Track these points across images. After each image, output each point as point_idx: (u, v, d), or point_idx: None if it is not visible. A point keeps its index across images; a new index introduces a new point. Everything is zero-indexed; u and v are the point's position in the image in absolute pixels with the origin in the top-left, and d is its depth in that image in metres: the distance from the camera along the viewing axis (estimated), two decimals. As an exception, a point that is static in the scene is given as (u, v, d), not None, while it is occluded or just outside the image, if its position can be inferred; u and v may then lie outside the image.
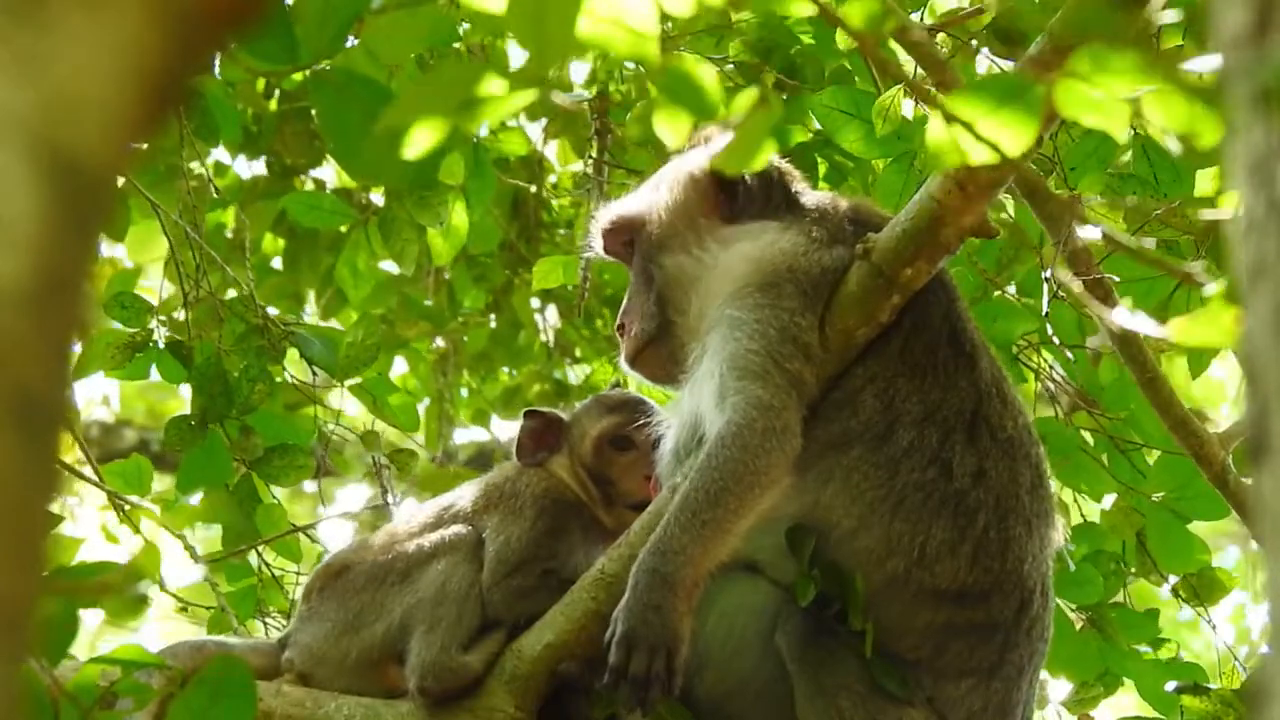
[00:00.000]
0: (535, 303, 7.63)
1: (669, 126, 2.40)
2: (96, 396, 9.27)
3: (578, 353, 7.67)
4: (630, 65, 5.78)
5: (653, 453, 4.04)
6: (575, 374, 7.69)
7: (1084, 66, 2.21)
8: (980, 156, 2.27)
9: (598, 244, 4.21)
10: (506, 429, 8.04)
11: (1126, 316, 2.50)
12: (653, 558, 3.62)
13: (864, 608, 3.66)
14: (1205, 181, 4.63)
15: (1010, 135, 2.25)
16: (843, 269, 3.81)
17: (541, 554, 3.98)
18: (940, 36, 4.69)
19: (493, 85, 2.22)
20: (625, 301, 4.10)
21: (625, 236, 4.13)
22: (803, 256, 3.84)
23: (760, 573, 3.76)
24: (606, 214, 4.21)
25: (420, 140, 2.27)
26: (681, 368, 3.94)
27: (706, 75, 2.36)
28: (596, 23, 2.26)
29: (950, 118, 2.24)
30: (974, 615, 3.72)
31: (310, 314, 7.36)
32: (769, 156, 2.44)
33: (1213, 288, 2.17)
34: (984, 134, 2.24)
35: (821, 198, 4.10)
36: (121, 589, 2.62)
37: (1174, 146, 2.29)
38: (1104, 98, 2.22)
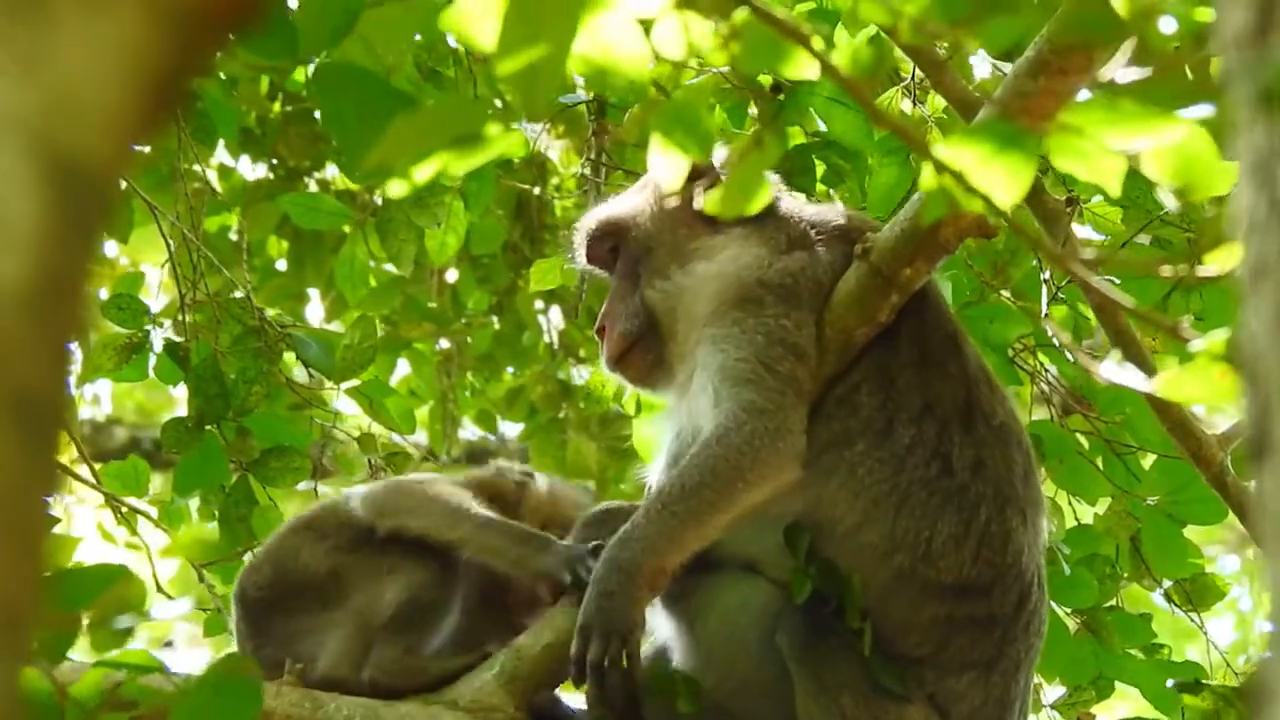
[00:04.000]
0: (539, 304, 7.63)
1: (666, 159, 2.39)
2: (86, 395, 9.26)
3: (582, 353, 7.68)
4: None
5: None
6: (579, 375, 7.70)
7: (1080, 119, 2.19)
8: (974, 207, 2.25)
9: (581, 251, 4.18)
10: (511, 429, 8.08)
11: (1115, 369, 2.48)
12: (613, 547, 3.65)
13: (861, 606, 3.67)
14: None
15: (1004, 186, 2.23)
16: (812, 270, 3.82)
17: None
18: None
19: (488, 126, 2.21)
20: (606, 304, 4.09)
21: (610, 243, 4.11)
22: (768, 269, 3.85)
23: (760, 573, 3.76)
24: (591, 219, 4.18)
25: (416, 175, 2.26)
26: (665, 372, 3.95)
27: (703, 110, 2.35)
28: (587, 65, 2.25)
29: (941, 168, 2.21)
30: (975, 609, 3.73)
31: (318, 317, 7.37)
32: (766, 197, 2.41)
33: (1199, 343, 2.17)
34: (977, 185, 2.21)
35: (789, 204, 4.08)
36: (105, 620, 2.61)
37: (1170, 202, 2.28)
38: (1099, 150, 2.20)
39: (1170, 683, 4.61)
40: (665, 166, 2.37)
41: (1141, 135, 2.18)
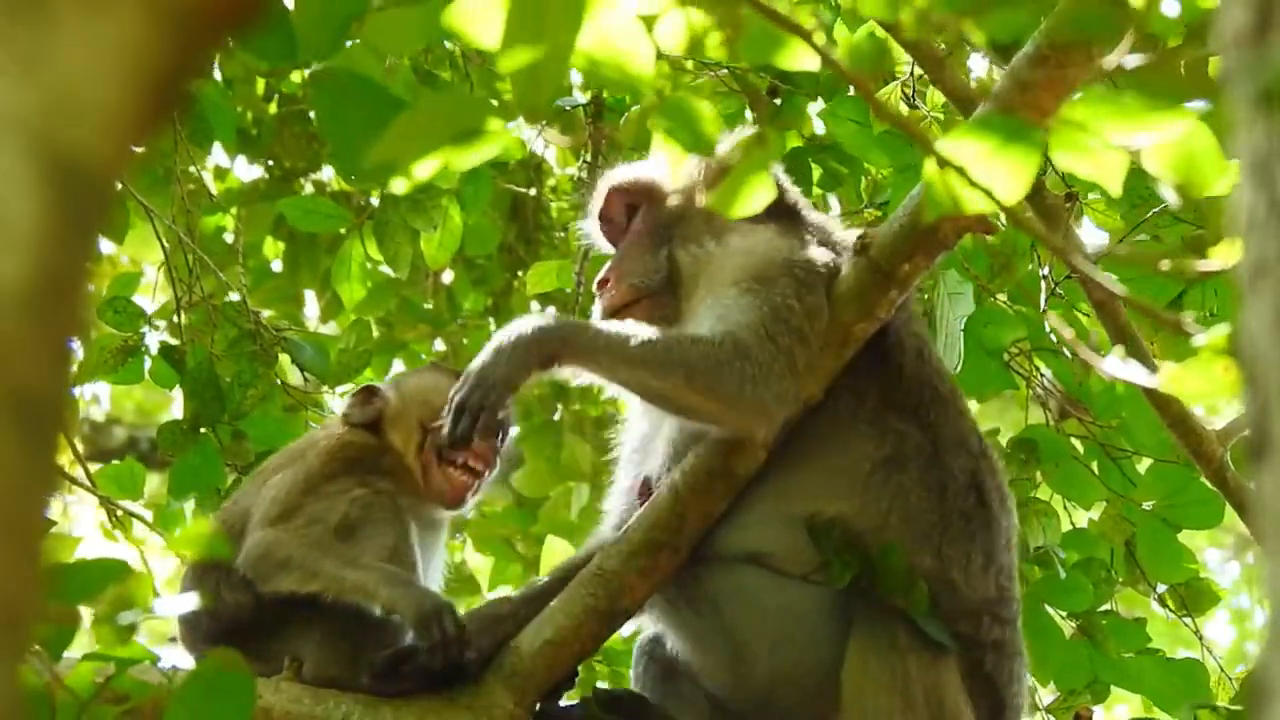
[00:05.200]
0: (534, 305, 7.64)
1: (668, 157, 2.38)
2: (86, 395, 9.27)
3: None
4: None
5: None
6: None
7: (1081, 113, 2.18)
8: (976, 204, 2.23)
9: (599, 204, 4.15)
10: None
11: (1118, 365, 2.47)
12: (544, 318, 3.67)
13: (902, 570, 3.69)
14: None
15: (1006, 181, 2.21)
16: (836, 270, 3.82)
17: (309, 500, 3.94)
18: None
19: (488, 121, 2.20)
20: (614, 260, 4.05)
21: (636, 200, 4.10)
22: (798, 252, 3.85)
23: (798, 575, 3.76)
24: (620, 174, 4.16)
25: (417, 172, 2.26)
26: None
27: (704, 109, 2.34)
28: (590, 62, 2.24)
29: (944, 163, 2.20)
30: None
31: (313, 318, 7.36)
32: (769, 191, 2.39)
33: (1202, 338, 2.16)
34: (979, 180, 2.20)
35: (820, 217, 4.11)
36: (109, 616, 2.61)
37: (1171, 197, 2.27)
38: (1100, 146, 2.19)
39: (1189, 707, 4.60)
40: (669, 164, 2.36)
41: (1142, 130, 2.17)
